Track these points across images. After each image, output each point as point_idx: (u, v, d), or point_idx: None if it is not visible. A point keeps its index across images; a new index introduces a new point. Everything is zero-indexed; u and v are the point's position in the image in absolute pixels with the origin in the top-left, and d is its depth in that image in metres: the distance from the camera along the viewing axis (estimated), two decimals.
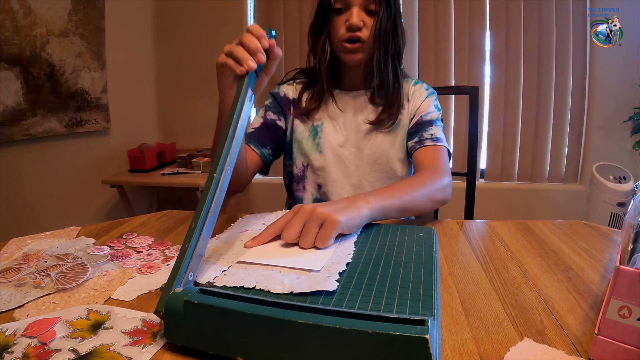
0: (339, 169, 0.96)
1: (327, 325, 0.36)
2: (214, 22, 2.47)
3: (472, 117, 1.17)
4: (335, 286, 0.44)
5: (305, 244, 0.54)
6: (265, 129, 0.98)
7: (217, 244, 0.61)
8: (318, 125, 0.96)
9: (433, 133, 0.92)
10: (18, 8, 1.90)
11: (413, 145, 0.92)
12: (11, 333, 0.44)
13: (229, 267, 0.51)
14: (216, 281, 0.47)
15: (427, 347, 0.34)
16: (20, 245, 0.70)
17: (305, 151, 0.97)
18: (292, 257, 0.53)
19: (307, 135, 0.97)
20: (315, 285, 0.44)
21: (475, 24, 2.33)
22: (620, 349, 0.37)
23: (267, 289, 0.45)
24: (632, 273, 0.35)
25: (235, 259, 0.54)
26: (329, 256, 0.53)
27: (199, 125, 2.61)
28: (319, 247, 0.54)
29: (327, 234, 0.54)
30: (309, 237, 0.54)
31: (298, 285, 0.45)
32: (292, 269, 0.50)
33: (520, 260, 0.63)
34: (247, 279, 0.47)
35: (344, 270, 0.49)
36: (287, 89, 1.01)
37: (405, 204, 0.70)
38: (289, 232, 0.55)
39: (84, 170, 2.27)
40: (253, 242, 0.57)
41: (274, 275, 0.48)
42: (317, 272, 0.49)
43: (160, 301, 0.42)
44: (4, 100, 1.89)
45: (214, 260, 0.54)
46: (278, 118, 0.99)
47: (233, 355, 0.40)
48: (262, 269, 0.50)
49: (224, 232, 0.68)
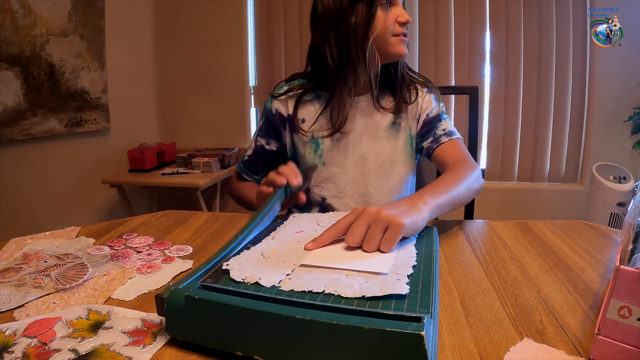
0: (344, 179, 0.94)
1: (324, 321, 0.37)
2: (214, 22, 2.47)
3: (472, 117, 1.17)
4: (407, 289, 0.43)
5: (369, 247, 0.52)
6: (255, 157, 1.00)
7: (275, 245, 0.60)
8: (319, 137, 0.94)
9: (445, 128, 0.92)
10: (18, 8, 1.90)
11: (430, 146, 0.91)
12: (11, 333, 0.44)
13: (292, 271, 0.50)
14: (282, 285, 0.46)
15: (422, 343, 0.34)
16: (20, 245, 0.70)
17: (308, 165, 0.96)
18: (356, 260, 0.52)
19: (308, 149, 0.95)
20: (386, 289, 0.43)
21: (475, 24, 2.33)
22: (620, 349, 0.37)
23: (337, 293, 0.43)
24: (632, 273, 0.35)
25: (297, 262, 0.52)
26: (394, 259, 0.53)
27: (199, 125, 2.61)
28: (383, 251, 0.53)
29: (392, 238, 0.53)
30: (374, 241, 0.53)
31: (369, 289, 0.44)
32: (359, 272, 0.49)
33: (520, 260, 0.63)
34: (315, 283, 0.46)
35: (411, 273, 0.48)
36: (280, 105, 0.96)
37: (454, 199, 0.71)
38: (354, 236, 0.53)
39: (84, 170, 2.27)
40: (313, 244, 0.55)
41: (342, 279, 0.47)
42: (385, 275, 0.48)
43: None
44: (4, 100, 1.89)
45: (275, 263, 0.52)
46: (267, 142, 0.99)
47: (232, 350, 0.40)
48: (328, 272, 0.49)
49: (278, 230, 0.67)
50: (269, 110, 0.98)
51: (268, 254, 0.56)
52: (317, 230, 0.66)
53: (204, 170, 2.23)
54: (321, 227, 0.68)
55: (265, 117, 0.99)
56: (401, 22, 0.85)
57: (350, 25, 0.83)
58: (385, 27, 0.84)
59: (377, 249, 0.53)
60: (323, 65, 0.88)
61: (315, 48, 0.90)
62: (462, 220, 0.82)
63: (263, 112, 1.00)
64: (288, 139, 0.97)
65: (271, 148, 0.99)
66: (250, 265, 0.51)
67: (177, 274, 0.60)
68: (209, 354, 0.41)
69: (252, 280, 0.47)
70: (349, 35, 0.83)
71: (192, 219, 0.85)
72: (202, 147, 2.54)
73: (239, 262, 0.52)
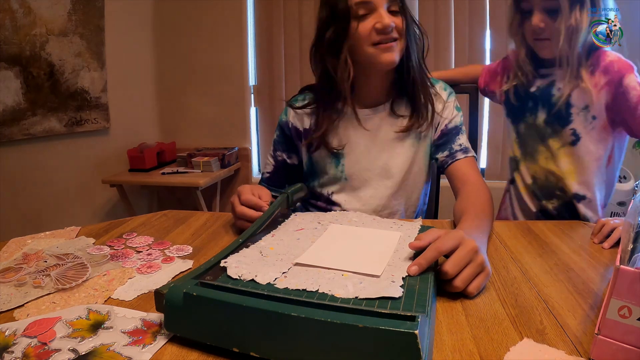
0: (368, 192, 0.92)
1: (319, 319, 0.37)
2: (214, 22, 2.46)
3: (472, 117, 1.17)
4: (400, 292, 0.43)
5: (462, 285, 0.51)
6: (277, 172, 0.99)
7: (274, 242, 0.60)
8: (340, 151, 0.91)
9: (462, 143, 0.91)
10: (18, 8, 1.89)
11: (445, 160, 0.90)
12: (11, 333, 0.44)
13: (289, 269, 0.50)
14: (277, 283, 0.46)
15: (416, 342, 0.34)
16: (20, 245, 0.70)
17: (329, 179, 0.94)
18: (351, 261, 0.53)
19: (329, 163, 0.93)
20: (380, 291, 0.43)
21: (475, 24, 2.33)
22: (620, 349, 0.37)
23: (331, 293, 0.44)
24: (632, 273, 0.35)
25: (294, 260, 0.53)
26: (389, 258, 0.53)
27: (199, 124, 2.61)
28: (472, 293, 0.52)
29: (482, 285, 0.53)
30: (467, 280, 0.52)
31: (363, 290, 0.44)
32: (354, 273, 0.49)
33: (520, 260, 0.63)
34: (310, 282, 0.46)
35: (406, 276, 0.48)
36: (295, 120, 0.95)
37: (489, 230, 0.72)
38: (455, 269, 0.51)
39: (84, 170, 2.27)
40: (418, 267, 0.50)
41: (337, 279, 0.47)
42: (379, 277, 0.48)
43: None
44: (4, 100, 1.89)
45: (273, 261, 0.53)
46: (288, 156, 0.98)
47: (229, 346, 0.41)
48: (323, 271, 0.50)
49: (279, 228, 0.67)
50: (285, 123, 0.97)
51: (267, 251, 0.56)
52: (317, 229, 0.66)
53: (204, 170, 2.23)
54: (322, 226, 0.68)
55: (281, 131, 0.98)
56: (378, 28, 0.80)
57: (325, 42, 0.84)
58: (360, 38, 0.82)
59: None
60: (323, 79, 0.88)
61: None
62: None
63: (278, 126, 0.98)
64: (305, 153, 0.96)
65: (293, 162, 0.99)
66: (247, 262, 0.51)
67: (177, 273, 0.60)
68: (208, 354, 0.41)
69: (249, 278, 0.47)
70: (325, 52, 0.85)
71: (192, 219, 0.85)
72: (202, 147, 2.54)
73: (236, 260, 0.52)
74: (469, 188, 0.84)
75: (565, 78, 0.88)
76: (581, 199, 0.93)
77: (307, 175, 0.99)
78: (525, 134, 0.98)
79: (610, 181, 0.96)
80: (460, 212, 0.75)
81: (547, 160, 0.95)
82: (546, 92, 0.92)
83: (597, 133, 0.89)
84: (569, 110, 0.89)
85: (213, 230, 0.79)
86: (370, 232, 0.66)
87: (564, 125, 0.90)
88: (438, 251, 0.51)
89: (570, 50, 0.85)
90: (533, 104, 0.95)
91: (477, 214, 0.71)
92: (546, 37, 0.87)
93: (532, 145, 0.97)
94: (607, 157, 0.92)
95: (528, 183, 0.99)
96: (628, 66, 0.86)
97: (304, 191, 0.85)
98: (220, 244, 0.71)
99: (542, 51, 0.90)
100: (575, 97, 0.88)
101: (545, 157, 0.95)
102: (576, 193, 0.93)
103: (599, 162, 0.91)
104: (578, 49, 0.85)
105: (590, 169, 0.91)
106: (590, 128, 0.89)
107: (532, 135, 0.96)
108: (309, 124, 0.93)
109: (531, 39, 0.90)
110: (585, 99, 0.88)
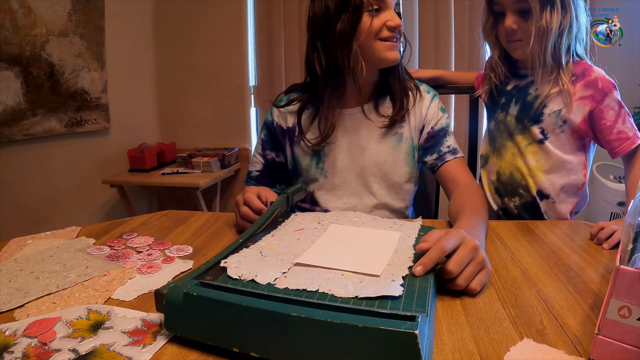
0: (347, 191, 0.94)
1: (319, 319, 0.37)
2: (214, 22, 2.46)
3: (472, 117, 1.17)
4: (400, 291, 0.43)
5: (464, 283, 0.52)
6: (266, 170, 0.99)
7: (274, 243, 0.60)
8: (321, 149, 0.93)
9: (450, 145, 0.91)
10: (18, 8, 1.89)
11: (434, 162, 0.91)
12: (11, 333, 0.44)
13: (289, 269, 0.50)
14: (277, 283, 0.47)
15: (415, 342, 0.34)
16: (20, 245, 0.70)
17: (310, 177, 0.96)
18: (351, 260, 0.53)
19: (309, 161, 0.95)
20: (380, 290, 0.43)
21: (475, 24, 2.33)
22: (620, 349, 0.37)
23: (331, 293, 0.44)
24: (632, 273, 0.35)
25: (294, 260, 0.53)
26: (389, 258, 0.53)
27: (199, 124, 2.61)
28: (475, 289, 0.52)
29: (483, 282, 0.54)
30: (468, 280, 0.52)
31: (362, 290, 0.44)
32: (354, 272, 0.49)
33: (520, 260, 0.63)
34: (310, 282, 0.46)
35: (407, 274, 0.48)
36: (279, 119, 0.97)
37: (486, 227, 0.73)
38: (458, 267, 0.51)
39: (84, 170, 2.27)
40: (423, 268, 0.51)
41: (337, 279, 0.47)
42: (379, 276, 0.48)
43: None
44: (4, 100, 1.89)
45: (273, 261, 0.53)
46: (276, 155, 0.99)
47: (229, 346, 0.41)
48: (323, 271, 0.50)
49: (279, 228, 0.67)
50: (270, 122, 0.98)
51: (267, 251, 0.56)
52: (317, 229, 0.67)
53: (204, 170, 2.23)
54: (322, 226, 0.68)
55: (267, 130, 0.99)
56: (390, 26, 0.83)
57: (335, 32, 0.82)
58: (371, 32, 0.83)
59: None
60: (316, 75, 0.87)
61: (308, 57, 0.89)
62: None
63: (264, 126, 1.00)
64: (289, 152, 0.98)
65: (280, 160, 1.00)
66: (247, 262, 0.51)
67: (177, 274, 0.60)
68: (208, 354, 0.41)
69: (249, 278, 0.47)
70: (335, 42, 0.83)
71: (192, 219, 0.85)
72: (202, 147, 2.54)
73: (236, 260, 0.52)
74: (461, 188, 0.85)
75: (543, 78, 0.89)
76: (544, 198, 0.93)
77: (292, 174, 1.00)
78: (494, 130, 0.99)
79: (582, 191, 0.96)
80: (455, 212, 0.75)
81: (513, 157, 0.95)
82: (523, 91, 0.93)
83: (565, 137, 0.90)
84: (542, 110, 0.89)
85: (213, 230, 0.79)
86: (370, 232, 0.66)
87: (534, 123, 0.91)
88: (442, 251, 0.51)
89: (541, 51, 0.86)
90: (506, 100, 0.96)
91: (473, 213, 0.72)
92: (518, 39, 0.88)
93: (500, 142, 0.97)
94: (582, 164, 0.93)
95: (492, 179, 0.99)
96: (612, 85, 0.88)
97: (304, 191, 0.85)
98: (221, 244, 0.71)
99: (514, 52, 0.91)
100: (552, 99, 0.88)
101: (512, 152, 0.95)
102: (540, 190, 0.92)
103: (567, 165, 0.91)
104: (550, 50, 0.85)
105: (556, 169, 0.91)
106: (560, 131, 0.89)
107: (501, 131, 0.97)
108: (292, 122, 0.95)
109: (504, 40, 0.91)
110: (561, 103, 0.88)
